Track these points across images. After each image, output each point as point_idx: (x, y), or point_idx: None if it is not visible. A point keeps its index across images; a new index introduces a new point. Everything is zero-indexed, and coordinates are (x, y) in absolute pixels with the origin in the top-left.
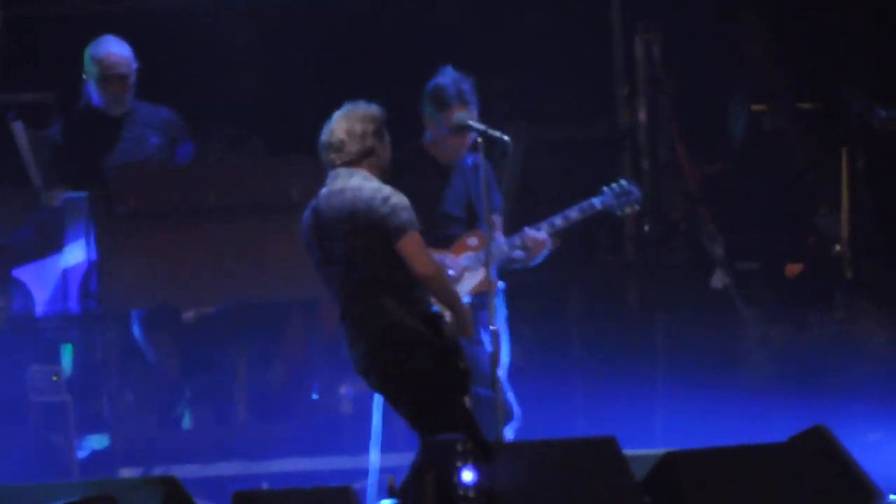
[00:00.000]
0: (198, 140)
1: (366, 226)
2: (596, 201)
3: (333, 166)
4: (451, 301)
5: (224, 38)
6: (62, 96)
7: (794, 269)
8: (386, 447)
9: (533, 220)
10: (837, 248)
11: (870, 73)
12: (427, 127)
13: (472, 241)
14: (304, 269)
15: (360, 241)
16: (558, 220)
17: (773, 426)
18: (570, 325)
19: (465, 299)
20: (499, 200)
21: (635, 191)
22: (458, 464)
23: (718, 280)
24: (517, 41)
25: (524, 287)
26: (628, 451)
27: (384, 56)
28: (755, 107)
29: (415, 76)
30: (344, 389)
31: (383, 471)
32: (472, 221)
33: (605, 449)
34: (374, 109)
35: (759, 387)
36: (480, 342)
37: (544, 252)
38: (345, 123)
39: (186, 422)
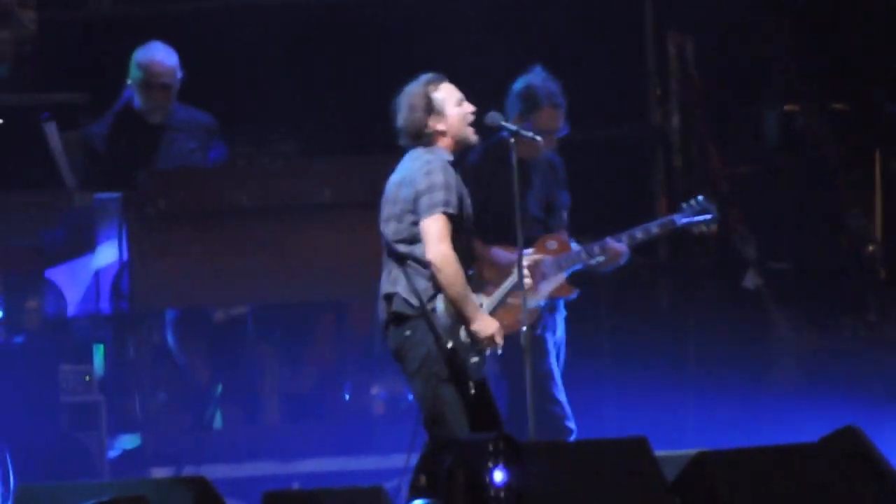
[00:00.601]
0: (230, 142)
1: (404, 196)
2: (676, 218)
3: (408, 149)
4: (458, 303)
5: (254, 39)
6: (95, 98)
7: None
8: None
9: (569, 220)
10: (870, 248)
11: None
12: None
13: (552, 244)
14: (335, 270)
15: (395, 209)
16: (639, 233)
17: (805, 427)
18: (602, 325)
19: (541, 303)
20: (567, 198)
21: (713, 209)
22: (489, 464)
23: (750, 281)
24: (549, 41)
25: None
26: (659, 452)
27: (411, 55)
28: (787, 107)
29: (446, 75)
30: (376, 390)
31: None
32: (549, 221)
33: (637, 449)
34: (420, 84)
35: (791, 387)
36: (542, 350)
37: (620, 262)
38: (402, 107)
39: (217, 422)
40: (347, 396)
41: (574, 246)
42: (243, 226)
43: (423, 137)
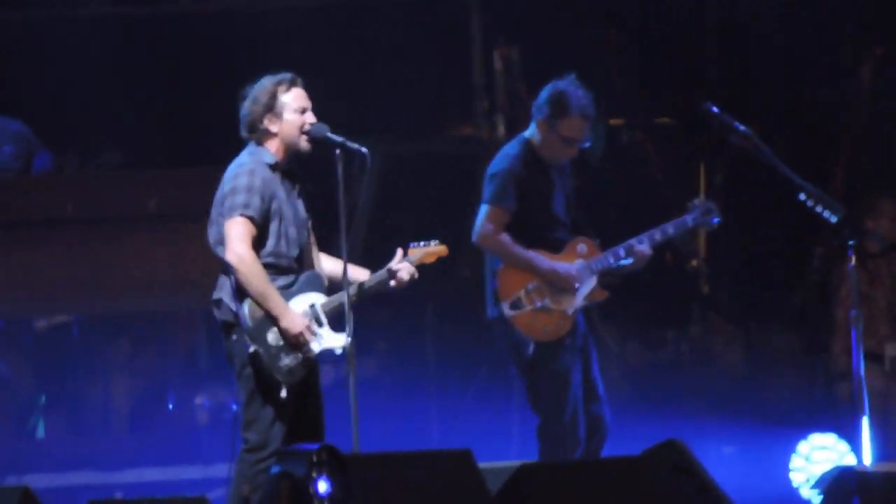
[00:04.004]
0: (56, 152)
1: (218, 198)
2: (688, 219)
3: (246, 142)
4: (261, 302)
5: (81, 49)
6: None
7: None
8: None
9: (396, 234)
10: (694, 263)
11: (725, 89)
12: (535, 126)
13: (582, 248)
14: (160, 280)
15: (214, 212)
16: (657, 235)
17: (629, 440)
18: (426, 337)
19: (578, 308)
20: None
21: (715, 209)
22: (313, 474)
23: None
24: (377, 54)
25: (380, 299)
26: (483, 464)
27: (237, 68)
28: (612, 121)
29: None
30: (200, 400)
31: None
32: (571, 224)
33: (460, 461)
34: (271, 81)
35: (615, 400)
36: (577, 356)
37: (644, 263)
38: (248, 97)
39: (41, 431)
40: (171, 406)
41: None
42: (68, 235)
43: (256, 133)
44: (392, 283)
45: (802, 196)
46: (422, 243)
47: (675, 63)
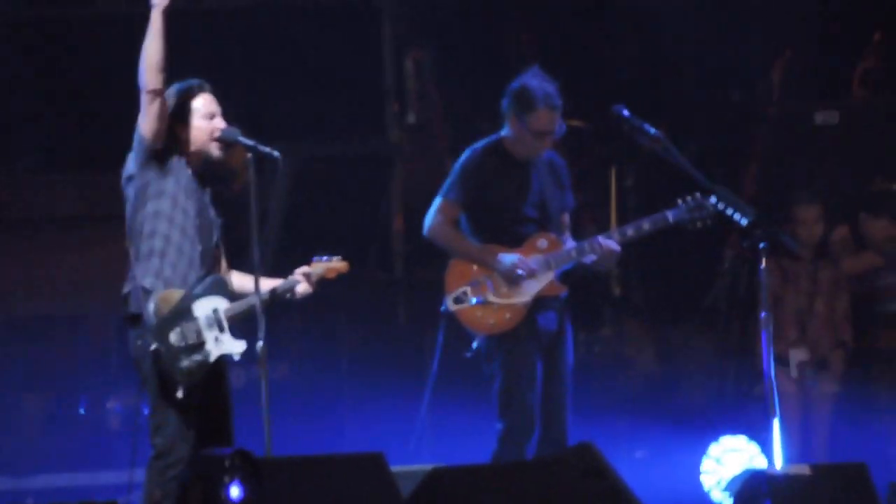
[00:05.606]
0: None
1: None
2: (669, 214)
3: None
4: None
5: None
6: None
7: None
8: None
9: (307, 237)
10: None
11: (638, 92)
12: (507, 124)
13: (542, 243)
14: (73, 283)
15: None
16: (630, 230)
17: None
18: (339, 340)
19: (527, 301)
20: (568, 200)
21: (710, 205)
22: (226, 479)
23: None
24: (287, 57)
25: (292, 301)
26: (396, 467)
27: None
28: None
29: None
30: (111, 404)
31: None
32: (544, 221)
33: (372, 465)
34: (172, 89)
35: None
36: (533, 348)
37: (613, 259)
38: None
39: None
40: (83, 410)
41: (566, 244)
42: None
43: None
44: (297, 289)
45: (714, 199)
46: (324, 258)
47: (586, 65)
